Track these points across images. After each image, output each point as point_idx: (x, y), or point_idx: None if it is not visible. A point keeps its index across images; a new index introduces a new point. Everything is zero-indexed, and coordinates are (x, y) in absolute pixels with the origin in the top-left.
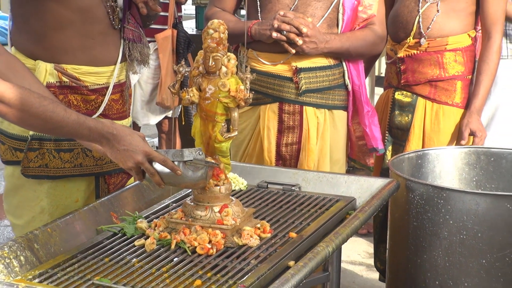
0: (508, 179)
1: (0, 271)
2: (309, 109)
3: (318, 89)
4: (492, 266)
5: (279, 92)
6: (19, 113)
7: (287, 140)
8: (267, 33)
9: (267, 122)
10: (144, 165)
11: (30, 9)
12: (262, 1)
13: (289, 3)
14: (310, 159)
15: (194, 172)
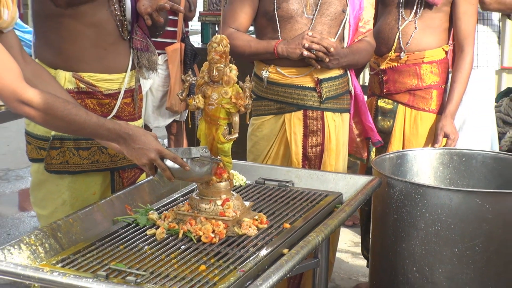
0: (477, 177)
1: (27, 256)
2: (328, 114)
3: (335, 96)
4: (463, 254)
5: (303, 101)
6: (46, 116)
7: (312, 143)
8: (297, 52)
9: (293, 128)
10: (156, 161)
11: (50, 25)
12: (281, 22)
13: (307, 23)
14: (331, 157)
15: (201, 168)
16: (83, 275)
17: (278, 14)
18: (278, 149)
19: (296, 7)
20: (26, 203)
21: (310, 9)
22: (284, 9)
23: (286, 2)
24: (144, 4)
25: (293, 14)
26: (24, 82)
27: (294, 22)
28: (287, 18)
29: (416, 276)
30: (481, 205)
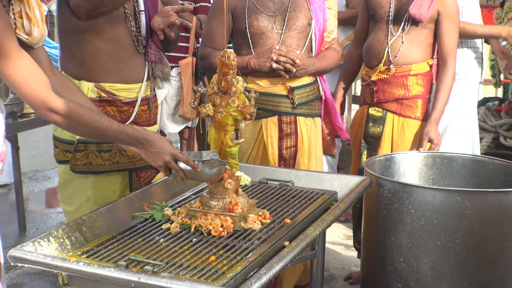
0: (458, 177)
1: (55, 248)
2: (300, 118)
3: (306, 102)
4: (445, 246)
5: (277, 107)
6: (72, 123)
7: (286, 145)
8: (267, 65)
9: (269, 132)
10: (171, 164)
11: (74, 41)
12: (253, 39)
13: (277, 37)
14: (304, 157)
15: (210, 170)
16: (105, 265)
17: (250, 32)
18: (257, 151)
19: (266, 24)
20: (53, 200)
21: (279, 25)
22: (255, 27)
23: (257, 20)
24: (157, 20)
25: (264, 31)
26: (53, 92)
27: (265, 37)
28: (258, 34)
29: (403, 266)
30: (461, 202)
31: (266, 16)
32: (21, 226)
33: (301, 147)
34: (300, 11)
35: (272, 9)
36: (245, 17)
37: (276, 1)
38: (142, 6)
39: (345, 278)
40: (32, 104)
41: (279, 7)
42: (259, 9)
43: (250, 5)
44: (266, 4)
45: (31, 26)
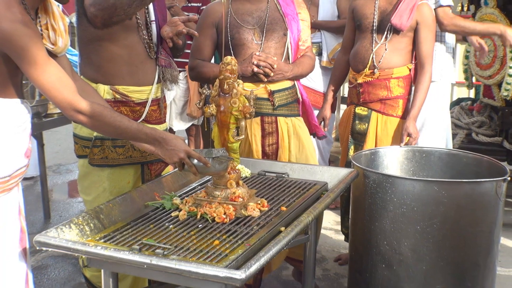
0: (435, 169)
1: (76, 234)
2: (281, 118)
3: (285, 104)
4: (424, 230)
5: (259, 109)
6: (96, 122)
7: (268, 142)
8: (249, 69)
9: (253, 131)
10: (185, 160)
11: (92, 48)
12: (235, 50)
13: (257, 47)
14: (285, 153)
15: (219, 165)
16: (120, 248)
17: (232, 44)
18: (244, 147)
19: (246, 36)
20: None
21: (258, 36)
22: (236, 39)
23: (238, 33)
24: (166, 29)
25: (245, 42)
26: (78, 95)
27: (246, 48)
28: (240, 45)
29: (386, 248)
30: (438, 191)
31: (246, 29)
32: (46, 214)
33: (282, 144)
34: (276, 24)
35: (251, 23)
36: (227, 31)
37: (254, 16)
38: (153, 17)
39: (335, 259)
40: (60, 106)
41: (257, 21)
42: (239, 24)
43: (231, 21)
44: (246, 19)
45: (56, 37)
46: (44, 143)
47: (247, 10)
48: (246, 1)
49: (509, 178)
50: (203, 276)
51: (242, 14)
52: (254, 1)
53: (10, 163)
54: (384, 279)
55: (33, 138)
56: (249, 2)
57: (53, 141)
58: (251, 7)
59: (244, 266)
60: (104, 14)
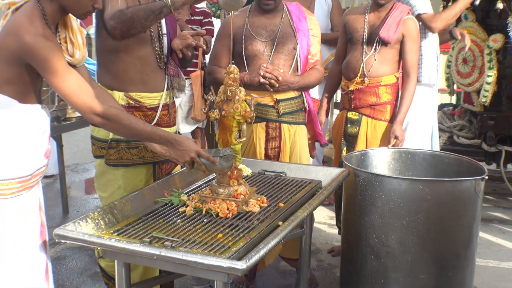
0: (419, 169)
1: (92, 227)
2: (284, 125)
3: (290, 112)
4: (409, 225)
5: (265, 115)
6: (113, 124)
7: (271, 146)
8: (256, 79)
9: (258, 134)
10: (195, 159)
11: (108, 58)
12: (248, 60)
13: (267, 59)
14: (286, 157)
15: (226, 163)
16: (132, 241)
17: (245, 54)
18: (249, 149)
19: (258, 48)
20: (91, 188)
21: (269, 49)
22: (249, 50)
23: (251, 45)
24: (177, 42)
25: (256, 53)
26: (96, 100)
27: (258, 59)
28: (252, 56)
29: (375, 241)
30: (422, 189)
31: (259, 42)
32: (64, 209)
33: (283, 148)
34: (287, 38)
35: (264, 36)
36: (242, 42)
37: (268, 30)
38: (165, 30)
39: (328, 251)
40: (80, 110)
41: (270, 34)
42: (253, 36)
43: (246, 33)
44: (260, 32)
45: (73, 49)
46: (63, 144)
47: (261, 24)
48: (262, 16)
49: (487, 177)
50: (208, 266)
51: (256, 27)
52: (269, 16)
53: (31, 163)
54: (373, 269)
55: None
56: (264, 17)
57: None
58: (266, 21)
59: (245, 257)
60: (123, 27)
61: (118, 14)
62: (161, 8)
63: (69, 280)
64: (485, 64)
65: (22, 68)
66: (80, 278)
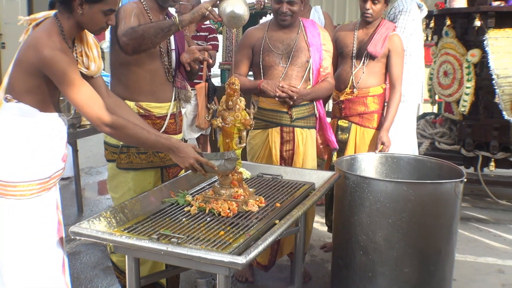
0: (404, 172)
1: (105, 225)
2: (297, 129)
3: (303, 117)
4: (394, 223)
5: (280, 120)
6: (120, 133)
7: (286, 148)
8: (271, 94)
9: (274, 138)
10: (194, 165)
11: (121, 71)
12: (264, 70)
13: (282, 70)
14: (300, 158)
15: (230, 165)
16: (141, 238)
17: (263, 65)
18: (264, 152)
19: (274, 59)
20: (103, 189)
21: (284, 61)
22: (266, 61)
23: (268, 57)
24: (185, 56)
25: (272, 64)
26: (106, 111)
27: (273, 69)
28: (268, 67)
29: (363, 238)
30: (406, 191)
31: (276, 54)
32: (79, 209)
33: (297, 150)
34: (302, 52)
35: (281, 49)
36: (260, 54)
37: (284, 43)
38: (173, 46)
39: (321, 247)
40: (91, 119)
41: (286, 48)
42: (271, 48)
43: (265, 45)
44: (277, 45)
45: (89, 62)
46: (78, 149)
47: (279, 38)
48: (280, 30)
49: (465, 179)
50: (210, 261)
51: (274, 40)
52: (287, 31)
53: (49, 167)
54: (361, 264)
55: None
56: (282, 31)
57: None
58: (283, 35)
59: (245, 252)
60: (134, 43)
61: (130, 31)
62: (170, 26)
63: (83, 273)
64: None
65: (41, 79)
66: (93, 272)
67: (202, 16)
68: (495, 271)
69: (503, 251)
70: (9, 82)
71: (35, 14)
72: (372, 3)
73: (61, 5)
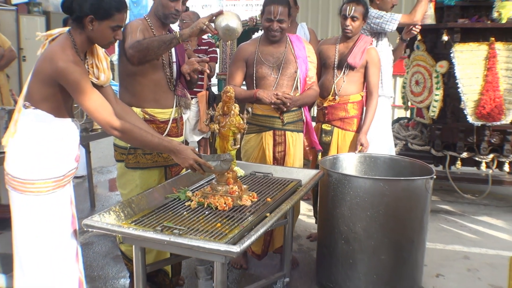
0: (380, 170)
1: (114, 218)
2: (288, 133)
3: (292, 122)
4: (372, 215)
5: (272, 124)
6: (126, 136)
7: (278, 150)
8: (267, 101)
9: (267, 141)
10: (193, 165)
11: (128, 80)
12: (257, 80)
13: (274, 80)
14: (290, 158)
15: (225, 165)
16: (147, 229)
17: (256, 76)
18: (258, 153)
19: (266, 71)
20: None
21: (275, 72)
22: (259, 73)
23: (261, 68)
24: (185, 67)
25: (265, 75)
26: (114, 116)
27: (266, 79)
28: (261, 78)
29: (345, 228)
30: (382, 186)
31: (268, 66)
32: (92, 203)
33: (288, 151)
34: (290, 63)
35: (271, 61)
36: (253, 66)
37: (274, 56)
38: (174, 58)
39: (307, 237)
40: (101, 124)
41: (276, 60)
42: (263, 61)
43: (257, 58)
44: (268, 58)
45: (99, 73)
46: (90, 151)
47: (269, 52)
48: (270, 45)
49: (435, 176)
50: (208, 250)
51: (265, 54)
52: (276, 46)
53: (64, 166)
54: (343, 251)
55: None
56: (272, 46)
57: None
58: (273, 50)
59: (239, 242)
60: (140, 55)
61: (136, 44)
62: (171, 39)
63: (95, 261)
64: (433, 85)
65: (56, 88)
66: (104, 260)
67: (200, 30)
68: (461, 257)
69: (468, 239)
70: (27, 90)
71: (51, 31)
72: (352, 20)
73: (74, 22)
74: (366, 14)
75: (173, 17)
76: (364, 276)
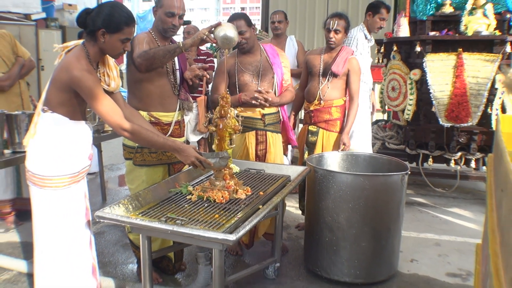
0: (361, 167)
1: (123, 210)
2: (269, 133)
3: (273, 123)
4: (354, 207)
5: (255, 125)
6: (135, 137)
7: (260, 148)
8: (251, 101)
9: (250, 140)
10: (195, 162)
11: (135, 86)
12: (240, 87)
13: (255, 86)
14: (271, 156)
15: (223, 162)
16: (152, 220)
17: (238, 84)
18: (243, 152)
19: (247, 78)
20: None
21: (255, 78)
22: (241, 80)
23: (242, 77)
24: (188, 73)
25: (247, 82)
26: (124, 119)
27: (248, 86)
28: (243, 85)
29: (329, 219)
30: (363, 181)
31: (248, 74)
32: (103, 197)
33: (269, 150)
34: (267, 70)
35: (251, 70)
36: (235, 75)
37: (253, 65)
38: (178, 66)
39: (295, 226)
40: (112, 126)
41: (255, 68)
42: (243, 70)
43: (238, 68)
44: (248, 67)
45: (110, 80)
46: (102, 150)
47: (248, 61)
48: (246, 56)
49: (409, 172)
50: (207, 238)
51: (244, 64)
52: (251, 55)
53: (78, 164)
54: (328, 239)
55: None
56: (248, 56)
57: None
58: (250, 59)
59: (235, 231)
60: (147, 63)
61: (143, 54)
62: (175, 49)
63: (106, 248)
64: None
65: (71, 94)
66: (114, 247)
67: (201, 39)
68: (433, 244)
69: (439, 228)
70: (45, 96)
71: (67, 43)
72: (335, 33)
73: (88, 35)
74: (348, 27)
75: (171, 30)
76: (346, 261)
